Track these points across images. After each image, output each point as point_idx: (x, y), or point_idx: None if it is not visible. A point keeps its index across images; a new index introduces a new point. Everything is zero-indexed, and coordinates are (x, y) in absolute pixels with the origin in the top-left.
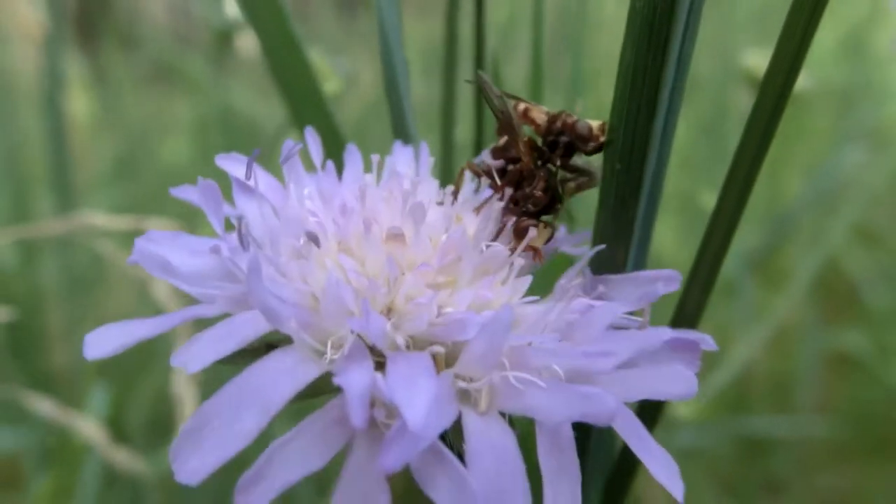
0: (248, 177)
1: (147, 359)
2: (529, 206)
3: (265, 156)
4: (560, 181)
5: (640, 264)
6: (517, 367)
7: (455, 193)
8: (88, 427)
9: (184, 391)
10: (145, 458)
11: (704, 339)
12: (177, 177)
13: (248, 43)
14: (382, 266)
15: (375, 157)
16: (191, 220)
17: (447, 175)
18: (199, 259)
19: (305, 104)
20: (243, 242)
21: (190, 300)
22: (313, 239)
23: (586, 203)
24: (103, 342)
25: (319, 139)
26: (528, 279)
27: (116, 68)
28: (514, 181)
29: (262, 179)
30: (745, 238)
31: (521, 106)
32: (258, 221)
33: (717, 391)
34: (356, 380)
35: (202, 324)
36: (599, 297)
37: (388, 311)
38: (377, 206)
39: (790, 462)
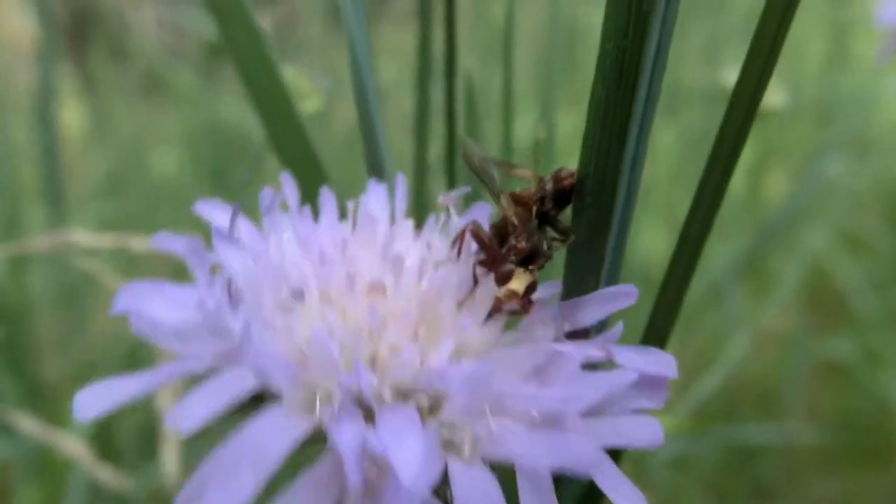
0: (231, 232)
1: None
2: (511, 257)
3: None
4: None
5: None
6: (497, 412)
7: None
8: (71, 443)
9: (167, 407)
10: (134, 473)
11: (670, 366)
12: (167, 189)
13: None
14: (365, 318)
15: (350, 204)
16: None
17: (420, 197)
18: (185, 313)
19: (281, 126)
20: (232, 302)
21: None
22: (298, 296)
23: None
24: (94, 403)
25: (295, 183)
26: (502, 319)
27: (107, 80)
28: (501, 236)
29: (243, 228)
30: (733, 246)
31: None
32: (240, 272)
33: (704, 398)
34: (349, 438)
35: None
36: (572, 326)
37: (372, 363)
38: (356, 254)
39: (780, 470)
